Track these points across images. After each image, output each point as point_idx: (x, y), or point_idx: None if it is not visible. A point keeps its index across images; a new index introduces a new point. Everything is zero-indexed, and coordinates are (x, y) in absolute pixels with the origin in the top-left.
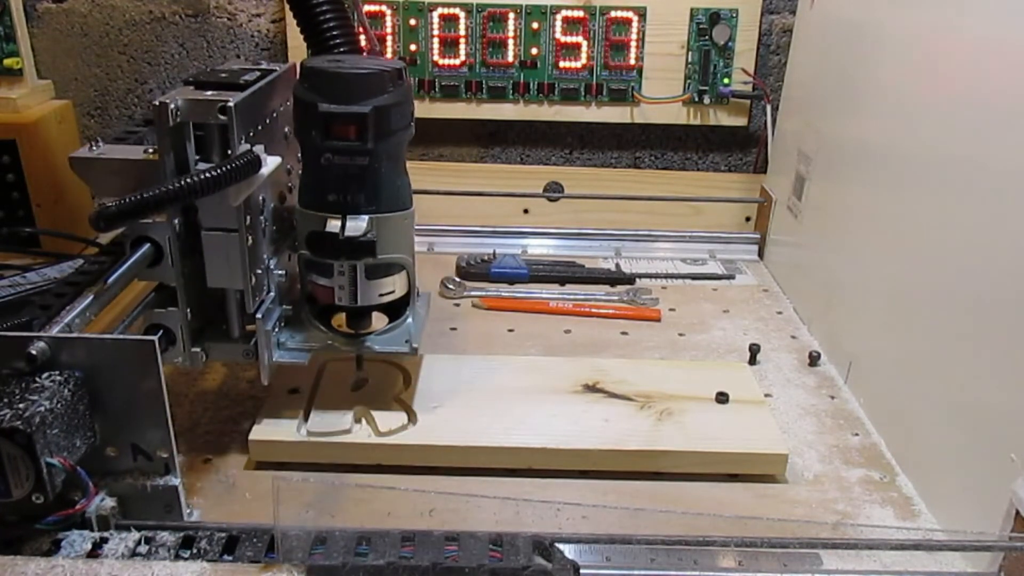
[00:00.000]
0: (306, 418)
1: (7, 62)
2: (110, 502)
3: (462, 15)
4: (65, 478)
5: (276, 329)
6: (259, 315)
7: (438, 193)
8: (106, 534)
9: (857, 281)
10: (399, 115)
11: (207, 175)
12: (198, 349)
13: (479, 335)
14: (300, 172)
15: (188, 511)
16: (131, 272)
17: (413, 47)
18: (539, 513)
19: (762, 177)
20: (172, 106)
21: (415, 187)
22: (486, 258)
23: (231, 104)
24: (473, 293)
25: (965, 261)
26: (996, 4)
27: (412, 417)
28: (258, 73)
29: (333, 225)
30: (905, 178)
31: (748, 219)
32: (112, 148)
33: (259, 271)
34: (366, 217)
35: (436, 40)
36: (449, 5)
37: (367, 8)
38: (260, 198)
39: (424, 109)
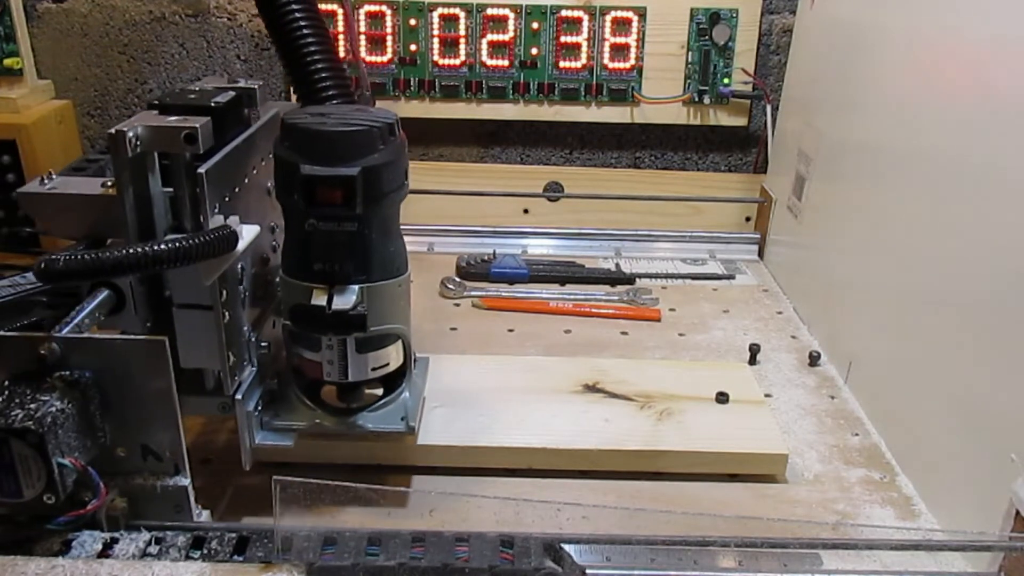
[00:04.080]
0: None
1: (7, 62)
2: (120, 502)
3: (462, 15)
4: (76, 478)
5: (258, 408)
6: (238, 396)
7: (438, 193)
8: (116, 534)
9: (857, 281)
10: (391, 175)
11: (175, 246)
12: None
13: (479, 335)
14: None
15: (197, 511)
16: (87, 322)
17: (413, 47)
18: (539, 513)
19: (762, 177)
20: (130, 134)
21: (415, 187)
22: (486, 258)
23: (198, 128)
24: (473, 293)
25: (965, 261)
26: (996, 4)
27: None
28: (232, 94)
29: (319, 298)
30: (905, 178)
31: (748, 219)
32: (66, 181)
33: (238, 347)
34: (356, 288)
35: (436, 40)
36: (449, 5)
37: (367, 8)
38: (238, 267)
39: (424, 109)
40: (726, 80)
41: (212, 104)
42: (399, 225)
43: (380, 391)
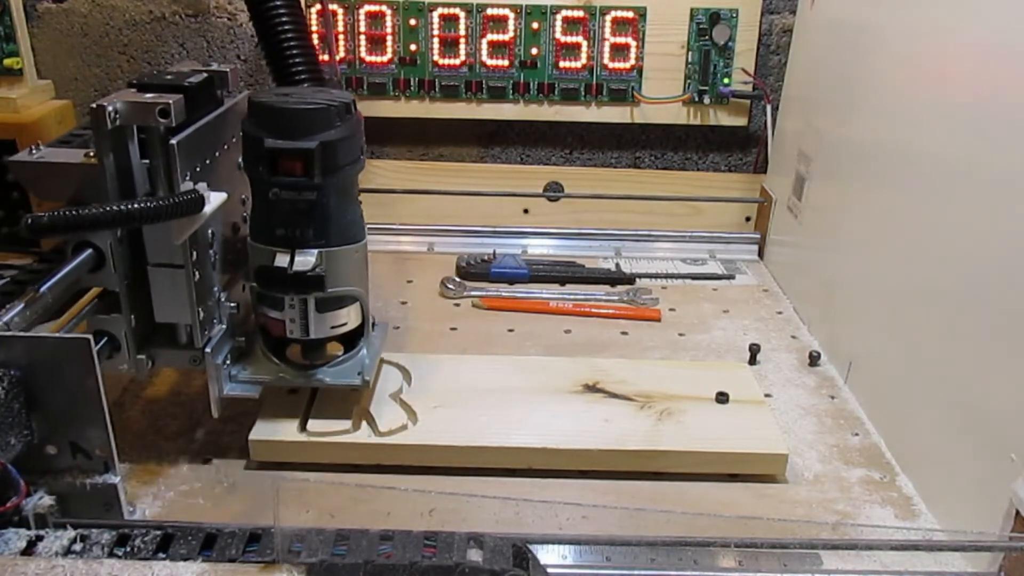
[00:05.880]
0: (306, 418)
1: (7, 62)
2: (48, 500)
3: (462, 15)
4: None
5: (227, 362)
6: (208, 349)
7: (438, 193)
8: (42, 532)
9: (857, 281)
10: (347, 149)
11: (147, 205)
12: (143, 356)
13: (479, 335)
14: None
15: (130, 509)
16: (70, 278)
17: (413, 47)
18: (539, 513)
19: (762, 177)
20: (110, 108)
21: (415, 187)
22: (486, 258)
23: (171, 104)
24: (473, 293)
25: (965, 261)
26: (996, 5)
27: (412, 417)
28: (205, 75)
29: (281, 260)
30: (905, 178)
31: (748, 219)
32: (53, 151)
33: (208, 305)
34: (315, 251)
35: (436, 40)
36: (449, 5)
37: (367, 8)
38: (209, 231)
39: (424, 109)
40: (726, 80)
41: (185, 84)
42: (357, 197)
43: (341, 351)
